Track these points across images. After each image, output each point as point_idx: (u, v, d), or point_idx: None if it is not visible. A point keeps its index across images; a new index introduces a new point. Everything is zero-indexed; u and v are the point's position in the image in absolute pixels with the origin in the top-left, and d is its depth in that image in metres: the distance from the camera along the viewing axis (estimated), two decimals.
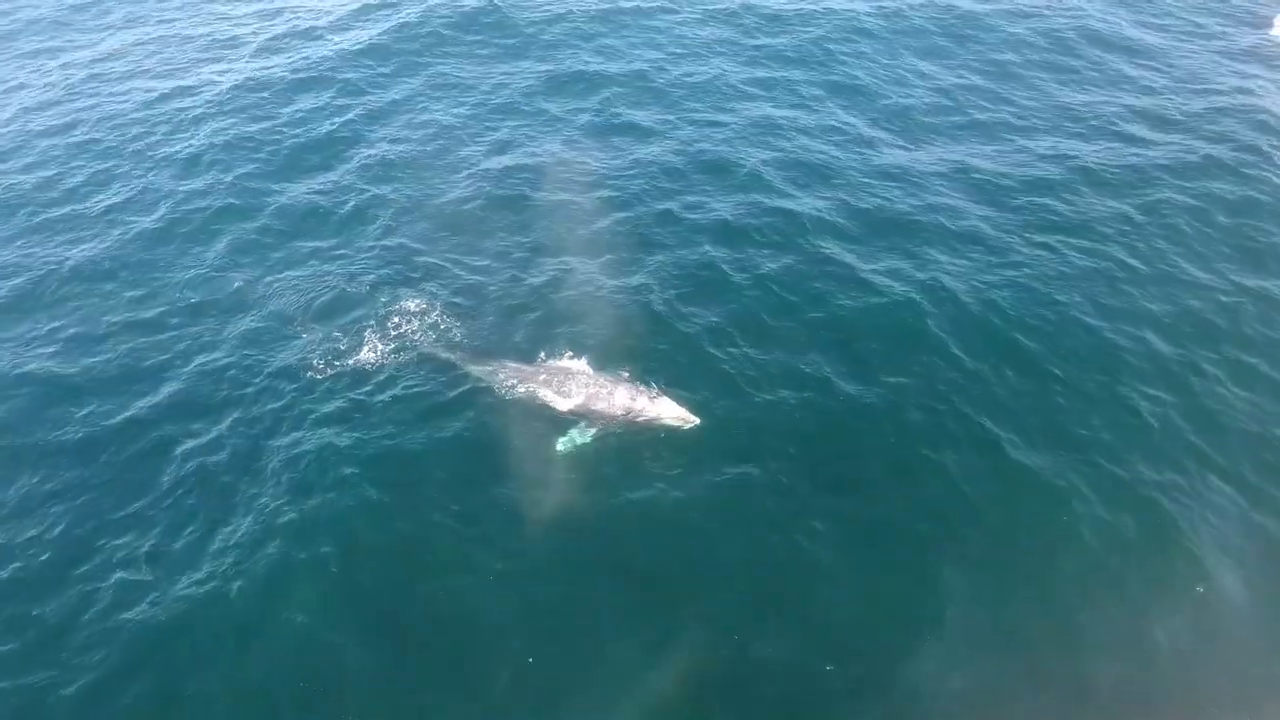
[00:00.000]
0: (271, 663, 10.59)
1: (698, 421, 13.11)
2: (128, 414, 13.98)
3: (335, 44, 25.41)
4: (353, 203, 18.59)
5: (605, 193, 18.43)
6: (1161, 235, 16.92)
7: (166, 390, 14.37)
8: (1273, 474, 12.50)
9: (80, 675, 10.58)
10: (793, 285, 15.77)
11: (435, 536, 11.86)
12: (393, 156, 20.05)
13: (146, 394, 14.32)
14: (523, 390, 13.95)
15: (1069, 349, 14.45)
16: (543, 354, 14.54)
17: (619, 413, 13.39)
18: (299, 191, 19.12)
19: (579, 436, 13.16)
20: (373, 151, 20.27)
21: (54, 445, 13.63)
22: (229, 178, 19.57)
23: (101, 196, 19.29)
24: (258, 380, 14.37)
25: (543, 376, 14.05)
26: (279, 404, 13.88)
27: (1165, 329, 14.84)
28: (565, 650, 10.60)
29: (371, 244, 17.46)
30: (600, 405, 13.50)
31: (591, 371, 14.08)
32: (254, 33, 26.72)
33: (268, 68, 24.41)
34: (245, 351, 15.01)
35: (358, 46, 24.93)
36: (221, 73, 24.35)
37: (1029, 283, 15.75)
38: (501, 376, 14.19)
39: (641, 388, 13.57)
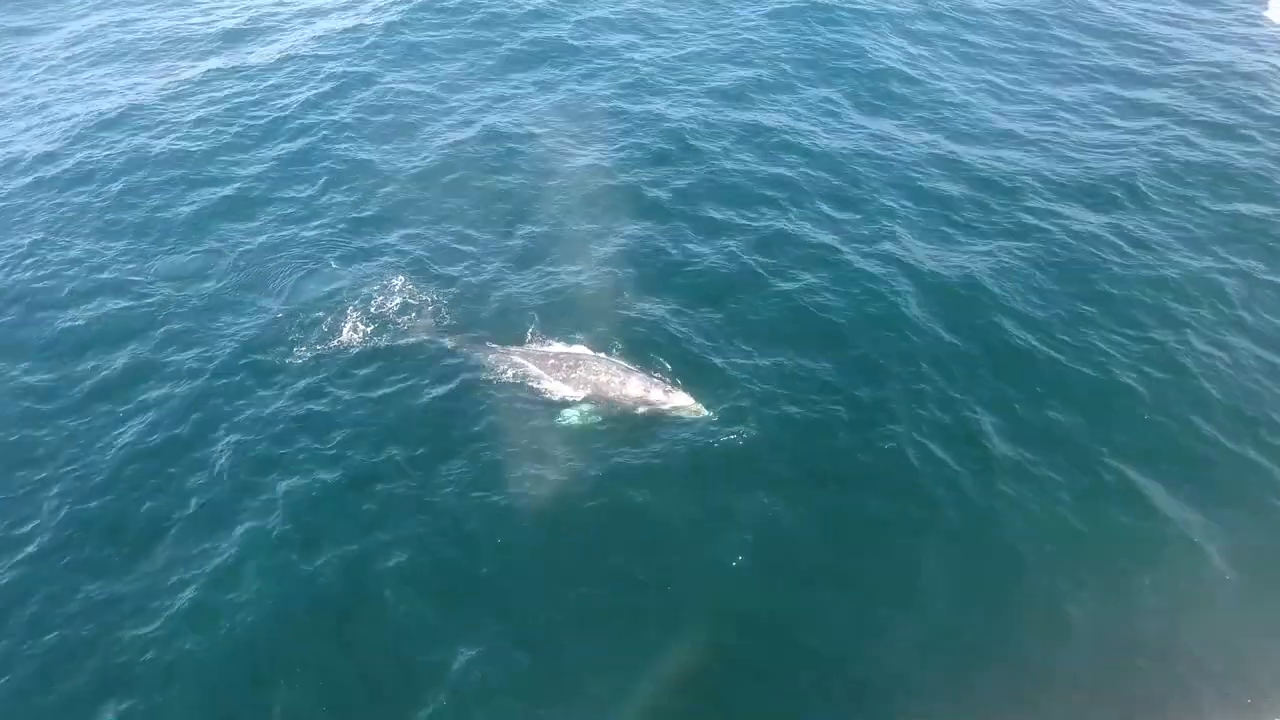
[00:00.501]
0: (235, 657, 10.10)
1: (708, 413, 12.67)
2: (82, 390, 13.45)
3: (309, 22, 24.80)
4: (328, 178, 18.08)
5: (587, 168, 18.08)
6: (1147, 214, 16.80)
7: (121, 366, 13.82)
8: (1268, 455, 12.32)
9: (22, 665, 10.12)
10: (778, 269, 15.46)
11: (420, 529, 11.34)
12: (370, 131, 19.57)
13: (103, 371, 13.76)
14: (520, 374, 13.42)
15: (1055, 329, 14.25)
16: (530, 333, 14.12)
17: (629, 402, 12.83)
18: (274, 166, 18.56)
19: (579, 418, 12.66)
20: (350, 127, 19.75)
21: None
22: (200, 153, 18.99)
23: (65, 172, 18.62)
24: (226, 359, 13.82)
25: (551, 361, 13.47)
26: (249, 386, 13.35)
27: (1153, 308, 14.69)
28: (556, 649, 10.18)
29: (350, 219, 16.96)
30: (611, 394, 12.94)
31: (596, 355, 13.54)
32: (229, 15, 26.01)
33: (241, 47, 23.80)
34: (214, 329, 14.49)
35: (332, 25, 24.33)
36: (194, 53, 23.66)
37: (1014, 263, 15.56)
38: (493, 359, 13.68)
39: (655, 377, 13.10)
